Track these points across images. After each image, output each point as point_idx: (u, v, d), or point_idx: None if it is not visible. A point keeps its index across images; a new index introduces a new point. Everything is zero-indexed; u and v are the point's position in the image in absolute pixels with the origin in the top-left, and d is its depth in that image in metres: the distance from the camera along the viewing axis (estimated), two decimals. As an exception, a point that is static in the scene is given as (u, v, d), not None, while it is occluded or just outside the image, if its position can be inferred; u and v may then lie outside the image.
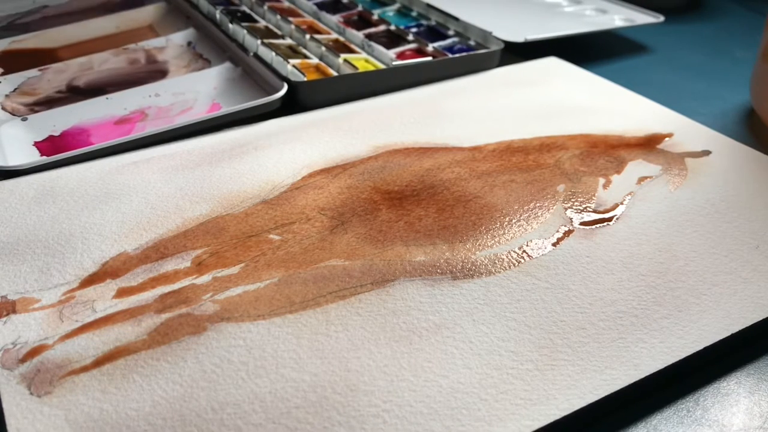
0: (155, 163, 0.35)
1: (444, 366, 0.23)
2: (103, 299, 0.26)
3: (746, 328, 0.25)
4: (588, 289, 0.27)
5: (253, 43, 0.47)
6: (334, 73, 0.44)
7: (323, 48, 0.47)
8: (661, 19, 0.54)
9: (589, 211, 0.31)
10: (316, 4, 0.57)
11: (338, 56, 0.45)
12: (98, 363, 0.23)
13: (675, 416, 0.23)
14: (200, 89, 0.43)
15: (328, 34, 0.52)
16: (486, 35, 0.48)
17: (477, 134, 0.38)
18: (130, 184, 0.33)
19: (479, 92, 0.43)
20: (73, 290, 0.27)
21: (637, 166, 0.35)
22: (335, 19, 0.53)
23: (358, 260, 0.28)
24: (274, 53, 0.45)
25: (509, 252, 0.29)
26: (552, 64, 0.47)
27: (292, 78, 0.42)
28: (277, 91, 0.40)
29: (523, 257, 0.28)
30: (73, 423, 0.21)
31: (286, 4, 0.58)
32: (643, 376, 0.23)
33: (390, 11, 0.57)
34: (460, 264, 0.28)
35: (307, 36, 0.48)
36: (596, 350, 0.24)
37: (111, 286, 0.27)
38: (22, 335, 0.24)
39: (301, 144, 0.36)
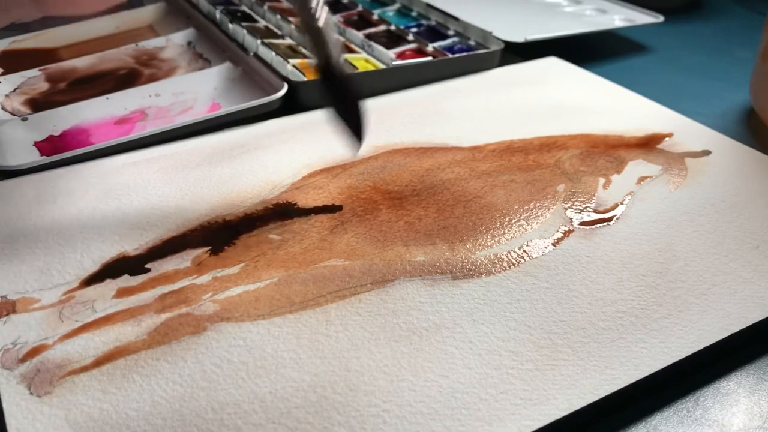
0: (155, 163, 0.35)
1: (444, 366, 0.23)
2: (103, 299, 0.26)
3: (746, 328, 0.25)
4: (588, 289, 0.27)
5: (253, 43, 0.47)
6: (334, 73, 0.44)
7: (323, 48, 0.47)
8: (661, 19, 0.54)
9: (589, 211, 0.31)
10: (316, 4, 0.56)
11: (338, 56, 0.45)
12: (98, 363, 0.23)
13: (675, 416, 0.23)
14: (200, 89, 0.43)
15: (328, 34, 0.51)
16: (486, 35, 0.48)
17: (477, 134, 0.38)
18: (130, 184, 0.33)
19: (479, 92, 0.43)
20: (73, 290, 0.27)
21: (637, 166, 0.35)
22: (335, 19, 0.53)
23: (358, 260, 0.28)
24: (274, 53, 0.45)
25: (509, 252, 0.29)
26: (552, 64, 0.47)
27: (292, 78, 0.42)
28: (277, 91, 0.40)
29: (523, 257, 0.28)
30: (73, 423, 0.21)
31: (286, 4, 0.58)
32: (643, 376, 0.23)
33: (390, 11, 0.57)
34: (460, 264, 0.28)
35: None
36: (596, 350, 0.24)
37: (111, 286, 0.27)
38: (22, 335, 0.24)
39: (301, 144, 0.36)
